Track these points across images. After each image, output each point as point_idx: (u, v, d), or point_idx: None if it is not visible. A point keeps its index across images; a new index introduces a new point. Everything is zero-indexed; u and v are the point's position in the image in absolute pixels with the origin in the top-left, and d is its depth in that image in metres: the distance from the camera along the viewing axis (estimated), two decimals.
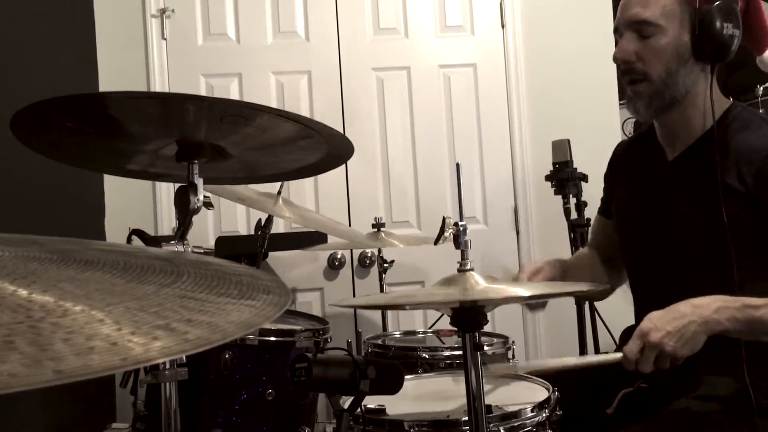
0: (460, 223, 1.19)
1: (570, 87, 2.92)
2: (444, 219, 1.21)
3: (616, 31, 1.46)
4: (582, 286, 1.55)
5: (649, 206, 1.51)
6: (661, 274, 1.48)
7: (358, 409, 1.19)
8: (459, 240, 1.19)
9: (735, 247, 1.31)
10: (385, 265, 2.53)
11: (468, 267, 1.19)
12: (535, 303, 1.64)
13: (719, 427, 1.29)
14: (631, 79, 1.43)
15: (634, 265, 1.58)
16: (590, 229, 1.78)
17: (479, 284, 1.16)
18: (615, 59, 1.44)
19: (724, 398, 1.31)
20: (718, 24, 1.34)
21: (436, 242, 1.26)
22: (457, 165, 1.29)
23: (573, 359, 1.45)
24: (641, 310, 1.53)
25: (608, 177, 1.70)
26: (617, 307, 1.82)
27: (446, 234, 1.21)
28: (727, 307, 1.23)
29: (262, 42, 2.86)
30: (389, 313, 2.61)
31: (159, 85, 2.78)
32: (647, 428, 1.32)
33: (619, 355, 1.27)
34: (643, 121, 1.50)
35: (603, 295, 1.66)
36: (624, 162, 1.65)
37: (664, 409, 1.34)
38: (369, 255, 2.82)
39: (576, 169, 2.43)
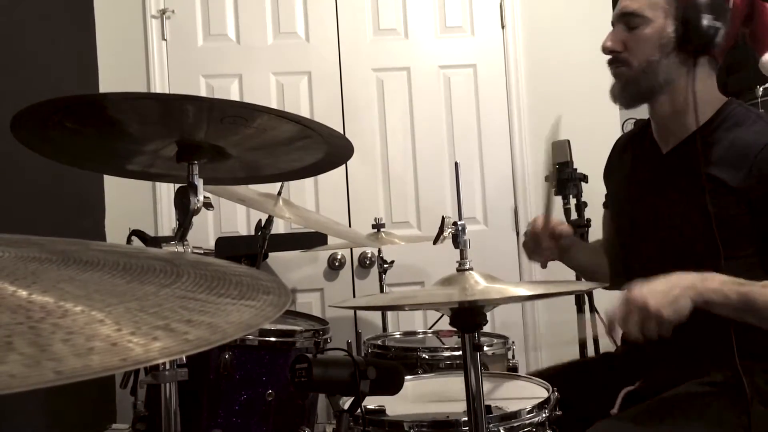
0: (458, 223, 1.19)
1: (570, 87, 2.91)
2: (443, 218, 1.21)
3: (612, 25, 1.51)
4: (582, 286, 1.57)
5: (642, 198, 1.53)
6: (652, 266, 1.49)
7: (358, 410, 1.19)
8: (458, 239, 1.19)
9: (724, 241, 1.33)
10: (385, 265, 2.53)
11: (467, 266, 1.19)
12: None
13: (714, 410, 1.29)
14: (614, 65, 1.49)
15: (627, 255, 1.60)
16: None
17: (479, 284, 1.16)
18: (603, 49, 1.49)
19: (720, 384, 1.32)
20: (701, 17, 1.36)
21: (435, 242, 1.26)
22: (456, 164, 1.30)
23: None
24: None
25: (607, 170, 1.74)
26: None
27: (445, 234, 1.21)
28: (713, 279, 1.23)
29: (262, 42, 2.86)
30: (389, 314, 2.61)
31: (159, 86, 2.78)
32: (643, 410, 1.32)
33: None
34: (619, 106, 1.53)
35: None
36: (622, 155, 1.68)
37: (661, 394, 1.34)
38: (369, 255, 2.82)
39: (576, 169, 2.44)
